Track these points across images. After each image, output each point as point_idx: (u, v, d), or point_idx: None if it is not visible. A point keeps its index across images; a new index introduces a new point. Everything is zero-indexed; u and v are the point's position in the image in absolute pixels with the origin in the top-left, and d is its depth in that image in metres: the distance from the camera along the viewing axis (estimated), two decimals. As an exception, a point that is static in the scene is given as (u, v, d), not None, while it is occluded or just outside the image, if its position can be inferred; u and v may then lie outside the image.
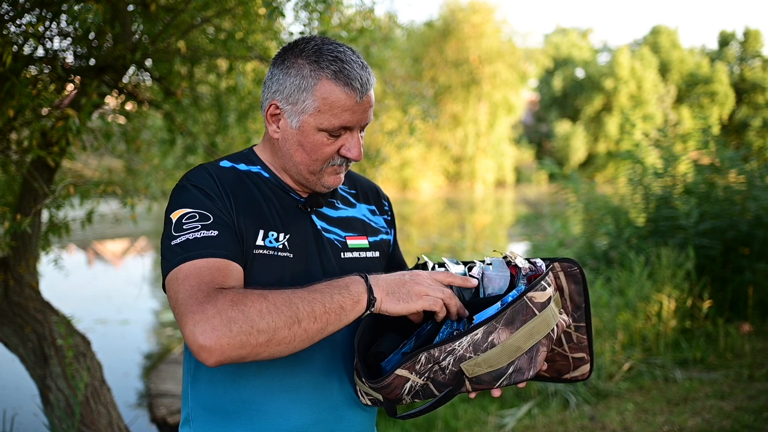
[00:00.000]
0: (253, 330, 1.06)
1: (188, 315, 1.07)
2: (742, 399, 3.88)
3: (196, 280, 1.13)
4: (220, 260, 1.18)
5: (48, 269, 3.51)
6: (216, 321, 1.05)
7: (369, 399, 1.27)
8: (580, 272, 1.30)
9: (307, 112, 1.27)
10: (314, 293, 1.14)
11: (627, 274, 5.26)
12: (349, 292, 1.16)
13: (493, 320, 1.15)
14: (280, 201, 1.36)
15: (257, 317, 1.07)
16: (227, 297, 1.09)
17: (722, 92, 36.09)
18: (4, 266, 3.01)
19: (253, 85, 3.88)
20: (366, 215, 1.50)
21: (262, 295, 1.11)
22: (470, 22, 30.60)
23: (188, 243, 1.19)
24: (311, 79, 1.26)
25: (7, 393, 5.01)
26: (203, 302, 1.08)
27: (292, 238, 1.33)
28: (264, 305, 1.08)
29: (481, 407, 4.25)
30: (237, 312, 1.06)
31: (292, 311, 1.10)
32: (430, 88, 9.18)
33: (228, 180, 1.33)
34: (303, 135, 1.30)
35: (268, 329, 1.07)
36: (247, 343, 1.06)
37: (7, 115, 2.53)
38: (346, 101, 1.26)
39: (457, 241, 13.25)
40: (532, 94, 40.34)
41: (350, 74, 1.25)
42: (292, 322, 1.09)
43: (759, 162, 6.53)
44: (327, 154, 1.31)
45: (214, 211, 1.25)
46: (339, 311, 1.14)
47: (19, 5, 2.57)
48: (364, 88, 1.27)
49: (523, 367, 1.17)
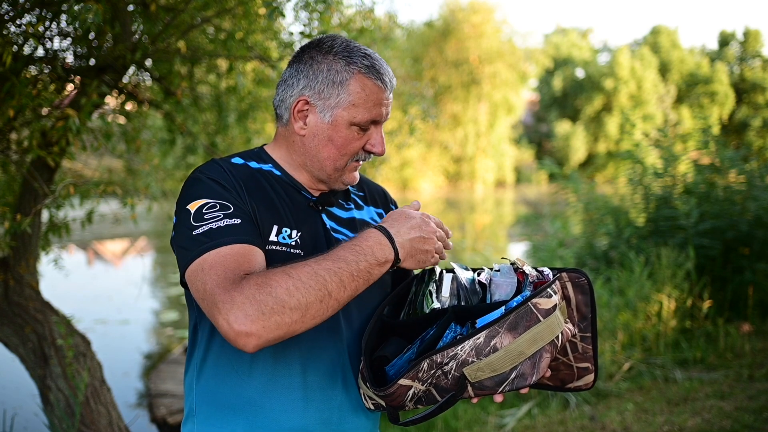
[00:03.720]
0: (285, 309, 1.08)
1: (218, 305, 1.08)
2: (742, 399, 3.88)
3: (222, 268, 1.13)
4: (245, 246, 1.18)
5: (48, 269, 3.50)
6: (247, 307, 1.06)
7: (372, 403, 1.27)
8: (587, 283, 1.31)
9: (341, 106, 1.30)
10: (339, 262, 1.15)
11: (627, 274, 5.26)
12: (375, 257, 1.18)
13: (495, 324, 1.15)
14: (291, 199, 1.37)
15: (286, 296, 1.08)
16: (252, 282, 1.09)
17: (722, 92, 36.08)
18: (4, 266, 3.01)
19: (253, 85, 3.88)
20: (374, 218, 1.50)
21: (286, 272, 1.11)
22: (470, 22, 30.59)
23: (212, 232, 1.18)
24: (345, 73, 1.30)
25: (7, 393, 5.01)
26: (231, 290, 1.08)
27: (303, 236, 1.33)
28: (291, 283, 1.09)
29: (481, 407, 4.25)
30: (265, 295, 1.08)
31: (320, 284, 1.11)
32: (430, 88, 9.19)
33: (241, 175, 1.33)
34: (335, 129, 1.32)
35: (299, 306, 1.09)
36: (282, 323, 1.07)
37: (7, 115, 2.53)
38: (378, 94, 1.31)
39: (457, 241, 13.24)
40: (532, 94, 40.33)
41: (381, 69, 1.31)
42: (323, 296, 1.11)
43: (759, 162, 6.53)
44: (355, 148, 1.34)
45: (234, 201, 1.25)
46: (366, 275, 1.17)
47: (19, 5, 2.57)
48: (392, 82, 1.33)
49: (526, 373, 1.17)
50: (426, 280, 1.41)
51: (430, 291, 1.35)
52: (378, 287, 1.41)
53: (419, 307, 1.37)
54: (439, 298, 1.32)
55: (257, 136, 4.30)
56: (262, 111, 4.12)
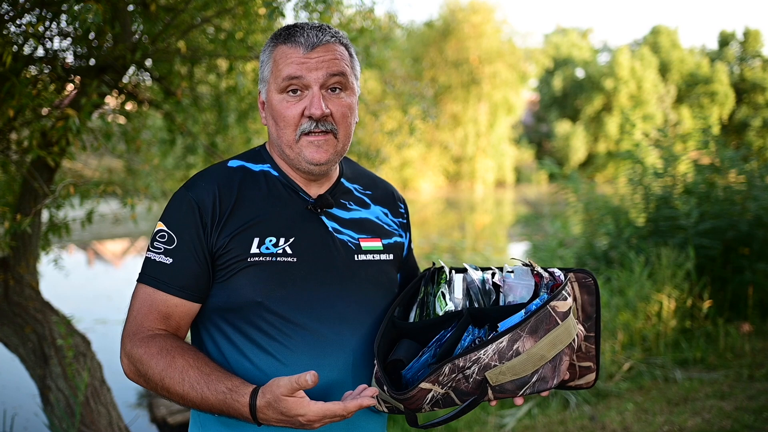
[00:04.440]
0: (150, 389, 1.28)
1: (124, 339, 1.30)
2: (742, 399, 3.88)
3: (138, 310, 1.31)
4: (160, 294, 1.30)
5: (48, 269, 3.51)
6: (132, 365, 1.28)
7: (386, 407, 1.26)
8: (594, 283, 1.31)
9: (266, 80, 1.35)
10: (204, 404, 1.22)
11: (627, 274, 5.26)
12: (235, 414, 1.21)
13: (517, 328, 1.15)
14: (288, 202, 1.36)
15: (158, 384, 1.24)
16: (142, 351, 1.26)
17: (722, 92, 36.04)
18: (4, 266, 3.01)
19: (253, 85, 3.88)
20: (379, 217, 1.48)
21: (162, 378, 1.23)
22: (470, 22, 30.57)
23: (148, 262, 1.32)
24: (268, 51, 1.35)
25: (7, 393, 5.01)
26: (133, 340, 1.28)
27: (297, 242, 1.32)
28: (159, 386, 1.24)
29: (481, 407, 4.25)
30: (143, 371, 1.26)
31: (184, 397, 1.23)
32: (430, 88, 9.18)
33: (232, 185, 1.34)
34: (271, 105, 1.35)
35: (162, 394, 1.27)
36: (146, 387, 1.29)
37: (7, 115, 2.53)
38: (292, 54, 1.31)
39: (457, 241, 13.24)
40: (532, 94, 40.30)
41: (295, 33, 1.32)
42: (181, 402, 1.25)
43: (759, 162, 6.52)
44: (291, 116, 1.32)
45: (184, 235, 1.30)
46: (220, 413, 1.23)
47: (19, 5, 2.57)
48: (309, 41, 1.31)
49: (547, 376, 1.17)
50: (436, 280, 1.40)
51: (442, 293, 1.34)
52: (382, 289, 1.40)
53: (431, 308, 1.36)
54: (452, 299, 1.32)
55: (257, 136, 4.29)
56: (262, 111, 4.11)
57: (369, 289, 1.37)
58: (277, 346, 1.29)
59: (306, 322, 1.29)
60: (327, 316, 1.31)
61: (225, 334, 1.32)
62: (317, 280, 1.32)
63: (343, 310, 1.33)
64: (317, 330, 1.30)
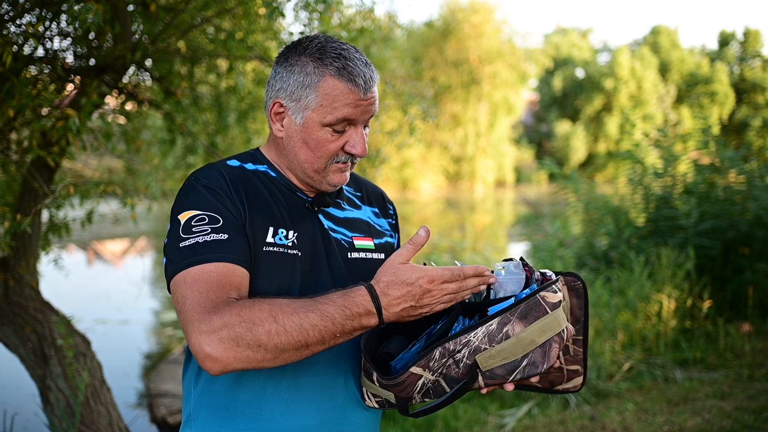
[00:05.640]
0: (261, 349, 1.09)
1: (195, 323, 1.10)
2: (742, 399, 3.88)
3: (205, 286, 1.14)
4: (228, 265, 1.19)
5: (48, 269, 3.50)
6: (224, 334, 1.08)
7: (377, 401, 1.27)
8: (583, 287, 1.33)
9: (310, 107, 1.28)
10: (326, 320, 1.12)
11: (627, 274, 5.26)
12: (361, 324, 1.15)
13: (507, 312, 1.18)
14: (287, 200, 1.37)
15: (265, 338, 1.09)
16: (235, 311, 1.10)
17: (722, 92, 36.06)
18: (4, 266, 3.01)
19: (253, 85, 3.88)
20: (371, 217, 1.50)
21: (272, 314, 1.10)
22: (470, 22, 30.57)
23: (197, 246, 1.20)
24: (314, 76, 1.28)
25: (7, 393, 5.01)
26: (211, 312, 1.10)
27: (300, 236, 1.33)
28: (273, 327, 1.09)
29: (481, 407, 4.25)
30: (245, 330, 1.08)
31: (302, 336, 1.11)
32: (430, 88, 9.18)
33: (237, 178, 1.34)
34: (307, 132, 1.30)
35: (275, 349, 1.09)
36: (252, 359, 1.09)
37: (7, 115, 2.53)
38: (348, 96, 1.27)
39: (457, 241, 13.24)
40: (532, 94, 40.31)
41: (353, 71, 1.27)
42: (300, 346, 1.11)
43: (759, 162, 6.53)
44: (331, 150, 1.31)
45: (224, 213, 1.25)
46: (348, 336, 1.16)
47: (19, 5, 2.57)
48: (368, 84, 1.28)
49: (537, 361, 1.19)
50: None
51: None
52: None
53: None
54: None
55: (257, 136, 4.30)
56: (262, 111, 4.12)
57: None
58: None
59: None
60: None
61: None
62: (316, 275, 1.33)
63: None
64: None
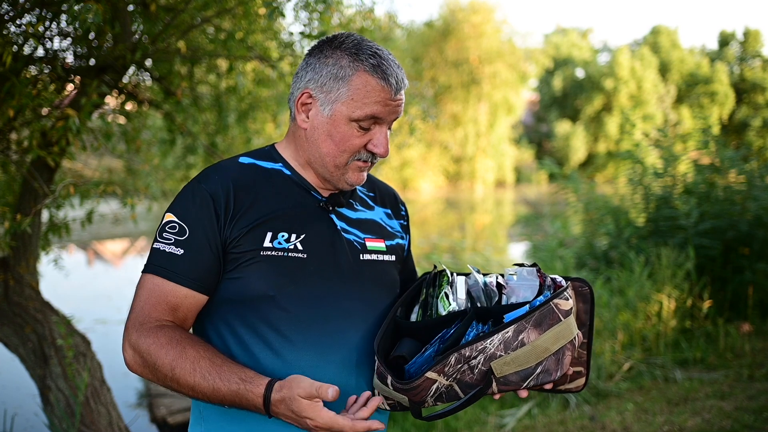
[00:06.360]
0: (159, 377, 1.25)
1: (128, 329, 1.27)
2: (742, 399, 3.88)
3: (146, 297, 1.28)
4: (170, 284, 1.28)
5: (48, 269, 3.50)
6: (138, 352, 1.25)
7: (389, 403, 1.28)
8: (590, 292, 1.34)
9: (340, 100, 1.30)
10: (215, 395, 1.21)
11: (627, 274, 5.26)
12: (245, 408, 1.21)
13: (522, 320, 1.19)
14: (300, 199, 1.37)
15: (161, 379, 1.24)
16: (151, 341, 1.24)
17: (722, 92, 36.04)
18: (4, 266, 3.01)
19: (253, 85, 3.88)
20: (383, 219, 1.50)
21: (172, 367, 1.22)
22: (470, 22, 30.56)
23: (158, 253, 1.30)
24: (349, 69, 1.30)
25: (7, 393, 5.01)
26: (139, 327, 1.26)
27: (307, 238, 1.34)
28: (169, 376, 1.22)
29: (481, 407, 4.25)
30: (150, 363, 1.24)
31: (191, 394, 1.23)
32: (430, 88, 9.18)
33: (245, 180, 1.35)
34: (333, 124, 1.32)
35: (170, 385, 1.24)
36: (150, 379, 1.27)
37: (7, 115, 2.53)
38: (380, 94, 1.29)
39: (457, 241, 13.24)
40: (532, 94, 40.29)
41: (387, 70, 1.29)
42: (190, 393, 1.23)
43: (759, 162, 6.52)
44: (355, 146, 1.33)
45: (195, 227, 1.29)
46: (228, 405, 1.23)
47: (19, 5, 2.57)
48: (399, 85, 1.31)
49: (551, 369, 1.20)
50: (438, 282, 1.42)
51: (446, 293, 1.36)
52: (385, 289, 1.42)
53: (434, 308, 1.38)
54: (456, 300, 1.34)
55: (257, 136, 4.30)
56: (262, 111, 4.12)
57: (373, 289, 1.39)
58: (283, 342, 1.30)
59: (313, 318, 1.31)
60: (332, 313, 1.33)
61: (231, 327, 1.33)
62: (325, 277, 1.33)
63: (348, 308, 1.34)
64: (323, 327, 1.31)
